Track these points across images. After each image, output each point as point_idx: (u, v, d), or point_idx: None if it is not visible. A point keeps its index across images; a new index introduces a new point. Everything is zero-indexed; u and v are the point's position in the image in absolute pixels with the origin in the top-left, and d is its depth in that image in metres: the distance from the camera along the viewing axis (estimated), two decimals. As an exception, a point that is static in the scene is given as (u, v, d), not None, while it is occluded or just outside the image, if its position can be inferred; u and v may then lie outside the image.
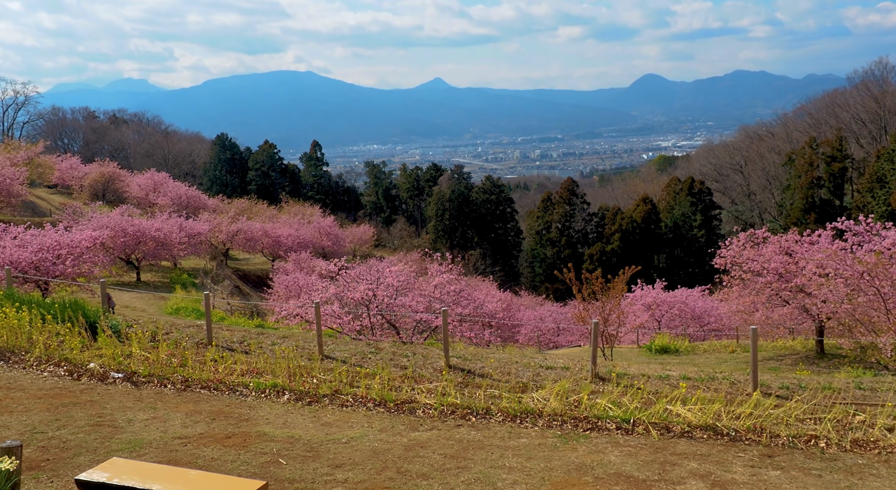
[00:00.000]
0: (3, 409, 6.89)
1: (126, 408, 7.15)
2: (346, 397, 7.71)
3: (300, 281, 41.16)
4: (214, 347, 9.75)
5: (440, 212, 75.11)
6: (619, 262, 74.49)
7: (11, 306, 9.30)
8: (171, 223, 43.39)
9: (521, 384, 8.39)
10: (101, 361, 8.46)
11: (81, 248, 29.66)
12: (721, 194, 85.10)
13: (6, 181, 40.40)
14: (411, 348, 10.34)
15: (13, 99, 70.93)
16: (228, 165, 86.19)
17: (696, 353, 21.17)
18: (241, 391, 7.89)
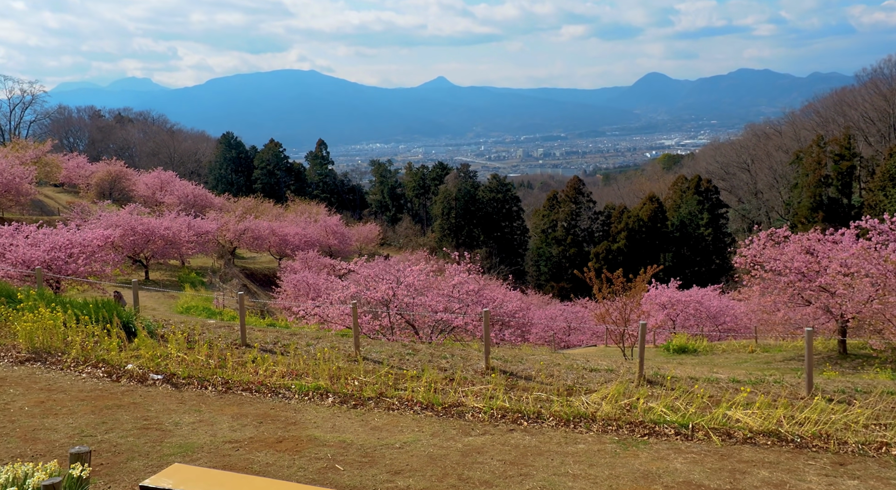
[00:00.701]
0: (48, 411, 6.76)
1: (170, 410, 7.01)
2: (392, 400, 7.56)
3: (309, 279, 41.05)
4: (248, 348, 9.61)
5: (446, 210, 74.96)
6: (625, 260, 74.32)
7: (46, 306, 9.16)
8: (179, 222, 43.33)
9: (566, 387, 8.23)
10: (138, 363, 8.32)
11: (93, 247, 29.61)
12: (727, 193, 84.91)
13: (15, 180, 40.30)
14: (449, 349, 10.19)
15: (20, 98, 70.91)
16: (234, 164, 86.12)
17: (714, 353, 20.98)
18: (284, 394, 7.75)
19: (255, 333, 10.63)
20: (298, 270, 44.53)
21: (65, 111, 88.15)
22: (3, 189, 40.11)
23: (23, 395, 7.20)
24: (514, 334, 19.81)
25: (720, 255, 77.04)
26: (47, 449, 5.83)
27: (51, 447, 5.86)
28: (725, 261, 77.42)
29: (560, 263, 77.95)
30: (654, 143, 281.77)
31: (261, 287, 48.75)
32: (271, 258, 57.55)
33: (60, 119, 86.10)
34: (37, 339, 8.58)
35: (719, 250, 77.36)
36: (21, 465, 4.11)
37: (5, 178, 39.81)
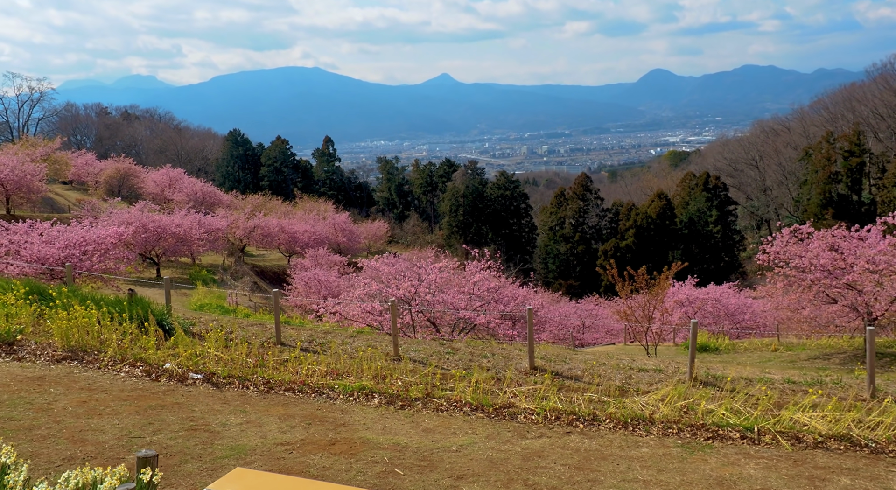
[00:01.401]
0: (92, 411, 6.60)
1: (215, 411, 6.85)
2: (440, 401, 7.39)
3: (321, 277, 40.96)
4: (283, 347, 9.44)
5: (454, 207, 74.75)
6: (633, 258, 73.97)
7: (80, 304, 8.99)
8: (189, 219, 43.24)
9: (617, 388, 8.04)
10: (176, 362, 8.16)
11: (107, 245, 29.52)
12: (735, 190, 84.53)
13: (26, 177, 40.22)
14: (489, 348, 10.00)
15: (28, 95, 70.86)
16: (241, 161, 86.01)
17: (737, 352, 20.78)
18: (328, 394, 7.58)
19: (289, 332, 10.45)
20: (309, 268, 44.42)
21: (72, 108, 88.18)
22: (14, 186, 40.04)
23: (64, 395, 7.05)
24: (536, 332, 19.57)
25: (729, 253, 76.74)
26: (97, 451, 5.68)
27: (100, 449, 5.71)
28: (734, 258, 77.13)
29: (568, 261, 77.70)
30: (659, 139, 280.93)
31: (271, 285, 48.63)
32: (280, 256, 57.47)
33: (68, 116, 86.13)
34: (72, 337, 8.43)
35: (728, 247, 77.04)
36: (90, 469, 3.96)
37: (17, 176, 39.75)
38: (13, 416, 6.39)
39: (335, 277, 41.31)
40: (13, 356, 8.24)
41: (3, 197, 40.40)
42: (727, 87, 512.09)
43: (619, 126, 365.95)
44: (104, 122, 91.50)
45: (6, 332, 8.54)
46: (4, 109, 71.12)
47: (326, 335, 10.56)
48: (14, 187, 40.04)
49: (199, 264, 46.85)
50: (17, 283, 9.68)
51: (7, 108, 71.36)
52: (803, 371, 9.74)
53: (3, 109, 71.00)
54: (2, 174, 39.08)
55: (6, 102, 71.01)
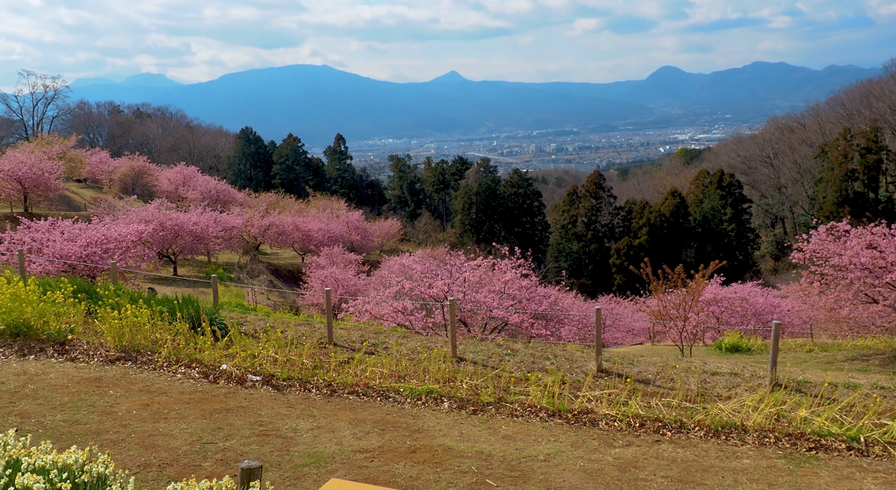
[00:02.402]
0: (157, 415, 6.36)
1: (282, 415, 6.60)
2: (513, 406, 7.11)
3: (337, 275, 40.74)
4: (335, 347, 9.19)
5: (467, 206, 74.44)
6: (646, 256, 73.45)
7: (130, 303, 8.75)
8: (206, 217, 43.14)
9: (694, 392, 7.74)
10: (233, 363, 7.92)
11: (128, 242, 29.43)
12: (749, 187, 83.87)
13: (44, 175, 40.21)
14: (549, 350, 9.72)
15: (42, 93, 71.01)
16: (253, 159, 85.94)
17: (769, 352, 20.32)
18: (394, 398, 7.31)
19: (339, 332, 10.20)
20: (324, 266, 44.22)
21: (85, 107, 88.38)
22: (31, 184, 40.03)
23: (125, 397, 6.82)
24: (572, 332, 19.31)
25: (743, 251, 76.08)
26: (171, 457, 5.44)
27: (174, 455, 5.47)
28: (748, 256, 76.47)
29: (580, 259, 77.28)
30: (668, 137, 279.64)
31: (285, 283, 48.53)
32: (294, 254, 57.35)
33: (80, 115, 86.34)
34: (124, 337, 8.20)
35: (742, 246, 76.41)
36: (196, 482, 3.71)
37: (34, 174, 39.74)
38: (78, 419, 6.16)
39: (352, 275, 41.12)
40: (66, 356, 8.02)
41: (21, 195, 40.39)
42: (737, 85, 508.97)
43: (628, 124, 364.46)
44: (116, 121, 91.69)
45: (57, 332, 8.33)
46: (19, 108, 71.35)
47: (378, 335, 10.30)
48: (32, 185, 40.03)
49: (216, 262, 46.79)
50: (64, 281, 9.48)
51: (22, 106, 71.59)
52: (890, 376, 9.41)
53: (18, 108, 71.22)
54: (20, 172, 39.06)
55: (21, 101, 71.24)
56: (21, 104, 71.73)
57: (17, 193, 40.22)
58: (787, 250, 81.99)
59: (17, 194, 40.29)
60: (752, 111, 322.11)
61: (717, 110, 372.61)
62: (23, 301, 8.28)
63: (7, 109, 71.40)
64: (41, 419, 6.10)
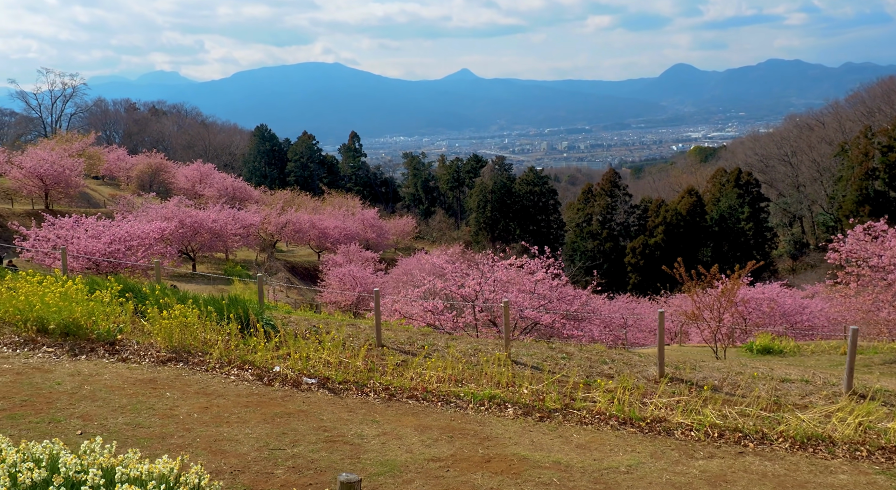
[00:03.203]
0: (219, 419, 6.24)
1: (344, 420, 6.45)
2: (581, 413, 6.92)
3: (355, 272, 40.62)
4: (384, 349, 9.04)
5: (482, 204, 74.17)
6: (662, 255, 72.87)
7: (179, 303, 8.64)
8: (224, 214, 43.20)
9: (766, 401, 7.50)
10: (286, 365, 7.79)
11: (150, 239, 29.47)
12: (767, 186, 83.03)
13: (65, 172, 40.38)
14: (606, 354, 9.53)
15: (61, 91, 71.46)
16: (267, 157, 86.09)
17: (803, 354, 20.01)
18: (456, 403, 7.14)
19: (386, 333, 10.04)
20: (341, 264, 44.15)
21: (102, 104, 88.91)
22: (52, 181, 40.21)
23: (182, 400, 6.71)
24: (605, 333, 19.08)
25: (760, 250, 75.33)
26: (242, 464, 5.31)
27: (244, 462, 5.33)
28: (766, 255, 75.69)
29: (595, 258, 76.86)
30: (681, 135, 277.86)
31: (302, 280, 48.54)
32: (310, 252, 57.39)
33: (97, 112, 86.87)
34: (174, 337, 8.10)
35: (759, 245, 75.66)
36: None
37: (56, 171, 39.91)
38: (140, 422, 6.05)
39: (370, 274, 41.00)
40: (117, 356, 7.93)
41: (42, 192, 40.59)
42: (751, 82, 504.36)
43: (640, 122, 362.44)
44: (133, 118, 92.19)
45: (106, 332, 8.24)
46: (38, 105, 71.84)
47: (426, 337, 10.13)
48: (53, 182, 40.22)
49: (234, 260, 46.89)
50: (111, 280, 9.39)
51: (41, 103, 72.08)
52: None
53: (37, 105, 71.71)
54: (42, 169, 39.24)
55: (40, 98, 71.74)
56: (40, 101, 72.27)
57: (38, 190, 40.43)
58: (806, 249, 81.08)
59: (39, 191, 40.50)
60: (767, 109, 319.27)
61: (731, 108, 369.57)
62: (72, 300, 8.20)
63: (26, 107, 71.95)
64: (103, 422, 5.99)
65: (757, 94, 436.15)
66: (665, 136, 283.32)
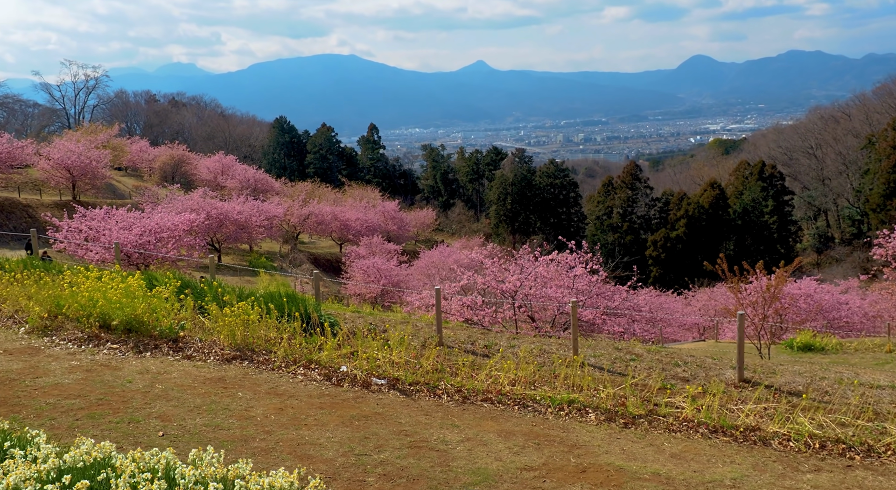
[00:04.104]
0: (296, 421, 6.07)
1: (422, 424, 6.26)
2: (668, 419, 6.66)
3: (379, 265, 40.51)
4: (446, 348, 8.85)
5: (502, 196, 73.74)
6: (684, 249, 72.22)
7: (238, 299, 8.49)
8: (249, 206, 43.24)
9: (855, 408, 7.20)
10: (352, 364, 7.61)
11: (180, 231, 29.49)
12: (791, 179, 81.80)
13: (92, 164, 40.58)
14: (677, 356, 9.26)
15: (84, 83, 71.88)
16: (287, 148, 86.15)
17: (845, 352, 19.63)
18: (533, 407, 6.92)
19: (446, 331, 9.84)
20: (364, 256, 44.04)
21: (123, 95, 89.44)
22: (79, 172, 40.43)
23: (255, 400, 6.55)
24: (648, 329, 18.78)
25: (784, 244, 74.33)
26: (331, 470, 5.13)
27: (332, 468, 5.16)
28: (790, 249, 74.66)
29: (615, 251, 76.23)
30: (699, 127, 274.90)
31: (325, 272, 48.50)
32: (331, 243, 57.42)
33: (118, 103, 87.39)
34: (237, 335, 7.95)
35: (783, 239, 74.66)
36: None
37: (83, 162, 40.11)
38: (219, 423, 5.90)
39: (394, 266, 40.86)
40: (181, 354, 7.79)
41: (69, 183, 40.84)
42: (771, 74, 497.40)
43: (658, 114, 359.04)
44: (153, 109, 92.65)
45: (169, 328, 8.12)
46: (62, 97, 72.34)
47: (485, 336, 9.92)
48: (79, 173, 40.43)
49: (258, 251, 46.99)
50: (169, 276, 9.28)
51: (64, 95, 72.57)
52: None
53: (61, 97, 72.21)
54: (69, 161, 39.46)
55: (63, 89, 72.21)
56: (63, 93, 72.74)
57: (65, 181, 40.68)
58: (831, 243, 79.91)
59: (66, 182, 40.75)
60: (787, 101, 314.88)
61: (750, 100, 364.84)
62: (134, 296, 8.08)
63: (50, 98, 72.48)
64: (182, 423, 5.85)
65: (777, 85, 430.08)
66: (683, 129, 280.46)
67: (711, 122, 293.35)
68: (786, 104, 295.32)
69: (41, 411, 5.84)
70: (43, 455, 3.62)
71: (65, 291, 8.23)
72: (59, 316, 8.24)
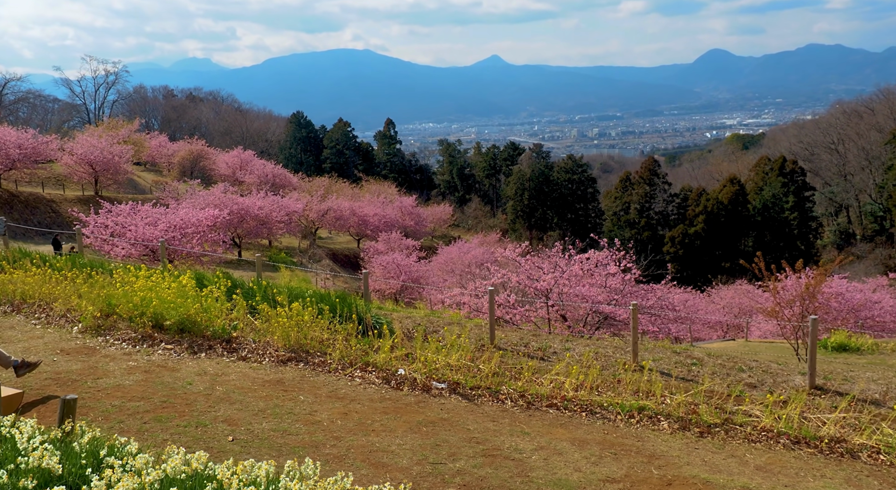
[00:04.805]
0: (363, 426, 5.94)
1: (491, 431, 6.12)
2: (745, 429, 6.44)
3: (399, 261, 40.41)
4: (499, 350, 8.70)
5: (519, 191, 73.41)
6: (702, 245, 71.56)
7: (291, 299, 8.39)
8: (269, 201, 43.29)
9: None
10: (410, 367, 7.48)
11: (204, 227, 29.53)
12: (812, 175, 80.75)
13: (114, 159, 40.73)
14: (741, 361, 9.04)
15: (104, 78, 72.28)
16: (303, 143, 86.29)
17: (882, 353, 19.20)
18: (601, 413, 6.74)
19: (497, 333, 9.69)
20: (383, 252, 43.98)
21: (141, 91, 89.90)
22: (102, 168, 40.59)
23: (317, 404, 6.44)
24: (679, 329, 18.53)
25: (804, 241, 73.47)
26: (409, 479, 5.01)
27: (410, 477, 5.04)
28: (811, 246, 73.76)
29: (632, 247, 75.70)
30: (715, 122, 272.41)
31: (343, 268, 48.54)
32: (349, 239, 57.44)
33: (137, 98, 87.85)
34: (291, 336, 7.85)
35: (804, 235, 73.80)
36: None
37: (105, 157, 40.25)
38: (285, 428, 5.80)
39: (414, 262, 40.78)
40: (236, 355, 7.71)
41: (92, 178, 41.06)
42: (789, 68, 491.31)
43: (673, 108, 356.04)
44: (171, 105, 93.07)
45: (222, 329, 8.05)
46: (82, 92, 72.82)
47: (537, 338, 9.75)
48: (102, 169, 40.60)
49: (277, 246, 47.09)
50: (219, 275, 9.21)
51: (84, 90, 73.04)
52: None
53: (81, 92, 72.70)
54: (92, 156, 39.62)
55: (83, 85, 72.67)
56: (84, 88, 73.21)
57: (88, 177, 40.90)
58: (852, 240, 78.84)
59: (89, 177, 40.97)
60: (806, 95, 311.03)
61: (768, 94, 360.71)
62: (187, 296, 8.01)
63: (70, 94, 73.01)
64: (249, 427, 5.75)
65: (795, 80, 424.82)
66: (699, 123, 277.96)
67: (728, 116, 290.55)
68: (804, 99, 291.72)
69: (108, 414, 5.77)
70: (140, 465, 3.53)
71: (118, 290, 8.17)
72: (111, 315, 8.18)
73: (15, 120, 58.88)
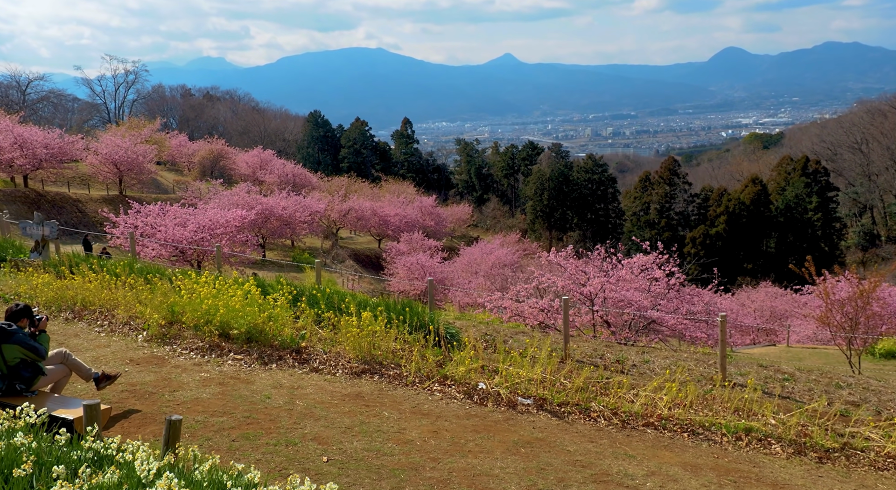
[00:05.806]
0: (458, 447, 5.62)
1: (592, 452, 5.78)
2: (868, 455, 6.04)
3: (423, 261, 40.11)
4: (576, 363, 8.35)
5: (539, 191, 72.90)
6: (724, 246, 70.68)
7: (362, 309, 8.09)
8: (292, 201, 43.16)
9: None
10: (491, 382, 7.16)
11: (233, 228, 29.40)
12: (835, 175, 79.61)
13: (138, 159, 40.71)
14: (838, 377, 8.63)
15: (124, 77, 72.56)
16: (321, 143, 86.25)
17: None
18: (704, 434, 6.37)
19: (570, 344, 9.33)
20: (405, 252, 43.71)
21: (160, 90, 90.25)
22: (126, 167, 40.56)
23: (403, 421, 6.14)
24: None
25: (828, 242, 72.41)
26: (522, 506, 4.69)
27: (522, 503, 4.72)
28: (834, 247, 72.68)
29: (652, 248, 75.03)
30: (731, 121, 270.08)
31: (365, 268, 48.30)
32: (370, 239, 57.25)
33: (155, 97, 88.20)
34: (363, 347, 7.55)
35: (827, 236, 72.73)
36: None
37: (130, 157, 40.23)
38: (378, 448, 5.49)
39: (437, 262, 40.45)
40: (307, 366, 7.42)
41: (116, 178, 41.07)
42: (806, 66, 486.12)
43: (688, 107, 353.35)
44: (188, 104, 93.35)
45: (290, 339, 7.77)
46: (102, 91, 73.16)
47: (610, 348, 9.40)
48: (126, 168, 40.58)
49: (300, 247, 46.97)
50: (283, 282, 8.94)
51: (105, 90, 73.39)
52: None
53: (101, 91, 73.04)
54: (117, 156, 39.63)
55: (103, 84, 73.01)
56: (104, 88, 73.57)
57: (112, 176, 40.91)
58: (877, 241, 77.59)
59: (113, 177, 40.99)
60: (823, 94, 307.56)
61: (784, 93, 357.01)
62: (255, 305, 7.74)
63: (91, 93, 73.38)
64: (340, 446, 5.45)
65: (812, 78, 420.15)
66: (714, 122, 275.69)
67: (744, 115, 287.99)
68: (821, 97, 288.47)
69: (194, 430, 5.49)
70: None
71: (182, 298, 7.92)
72: (174, 323, 7.93)
73: (38, 119, 59.21)
